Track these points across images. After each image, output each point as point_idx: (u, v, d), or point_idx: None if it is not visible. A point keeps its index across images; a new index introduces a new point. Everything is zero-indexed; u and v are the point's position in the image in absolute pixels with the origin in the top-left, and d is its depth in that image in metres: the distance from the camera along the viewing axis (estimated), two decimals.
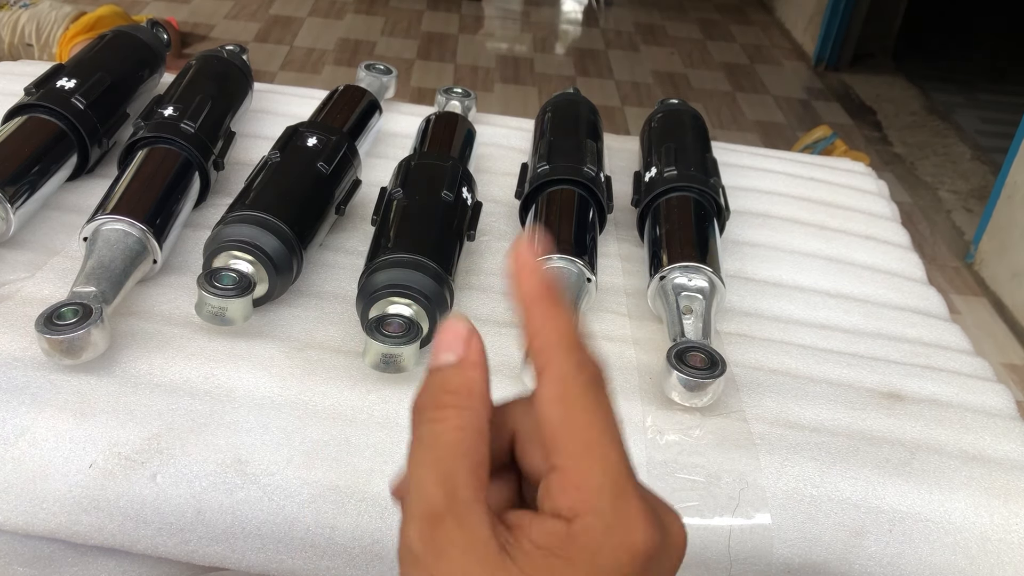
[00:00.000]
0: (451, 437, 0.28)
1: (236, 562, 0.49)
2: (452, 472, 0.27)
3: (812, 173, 0.91)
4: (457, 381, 0.29)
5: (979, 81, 3.48)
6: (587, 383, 0.28)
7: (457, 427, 0.28)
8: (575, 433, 0.28)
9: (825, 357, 0.63)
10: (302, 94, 0.92)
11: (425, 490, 0.27)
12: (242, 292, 0.54)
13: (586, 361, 0.29)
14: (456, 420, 0.28)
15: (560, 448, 0.28)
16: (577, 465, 0.27)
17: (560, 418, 0.28)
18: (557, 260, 0.62)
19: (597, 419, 0.28)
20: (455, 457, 0.28)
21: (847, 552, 0.50)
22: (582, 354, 0.29)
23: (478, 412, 0.28)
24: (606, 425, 0.28)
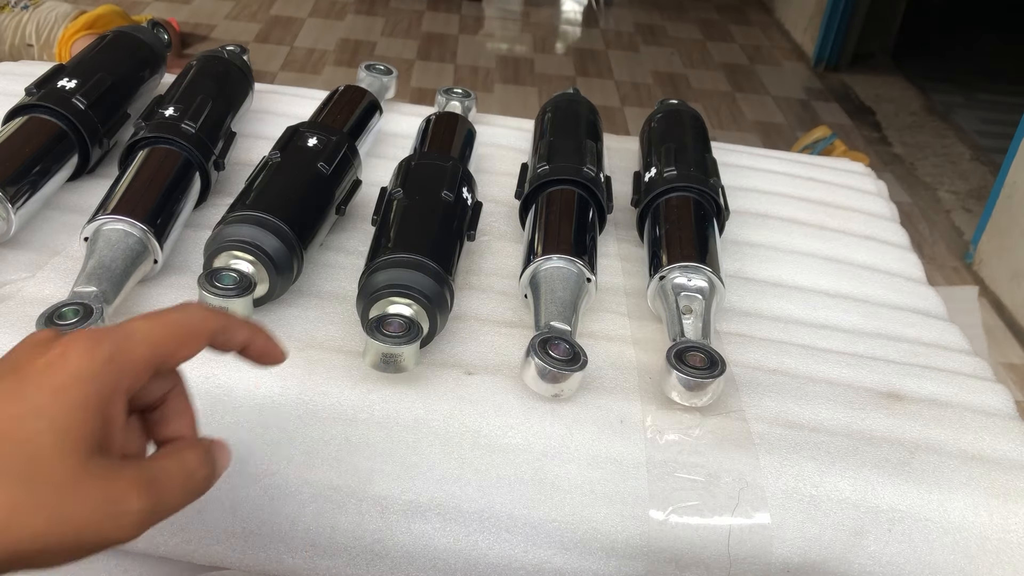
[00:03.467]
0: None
1: (236, 561, 0.49)
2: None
3: (811, 173, 0.91)
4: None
5: (979, 81, 3.48)
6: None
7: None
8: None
9: (824, 357, 0.63)
10: (302, 94, 0.92)
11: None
12: (243, 292, 0.54)
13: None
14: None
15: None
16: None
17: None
18: (557, 260, 0.62)
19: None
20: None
21: (846, 552, 0.51)
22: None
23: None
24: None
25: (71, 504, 0.31)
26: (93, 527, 0.32)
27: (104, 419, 0.33)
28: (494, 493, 0.50)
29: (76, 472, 0.32)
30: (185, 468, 0.36)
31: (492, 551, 0.49)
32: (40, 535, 0.31)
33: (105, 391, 0.33)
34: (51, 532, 0.31)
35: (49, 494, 0.31)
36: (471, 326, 0.61)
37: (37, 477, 0.31)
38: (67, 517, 0.31)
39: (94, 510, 0.32)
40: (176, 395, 0.39)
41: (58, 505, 0.31)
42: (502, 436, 0.52)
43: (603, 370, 0.58)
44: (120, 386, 0.34)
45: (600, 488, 0.51)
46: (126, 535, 0.33)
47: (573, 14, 3.98)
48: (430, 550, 0.49)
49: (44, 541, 0.31)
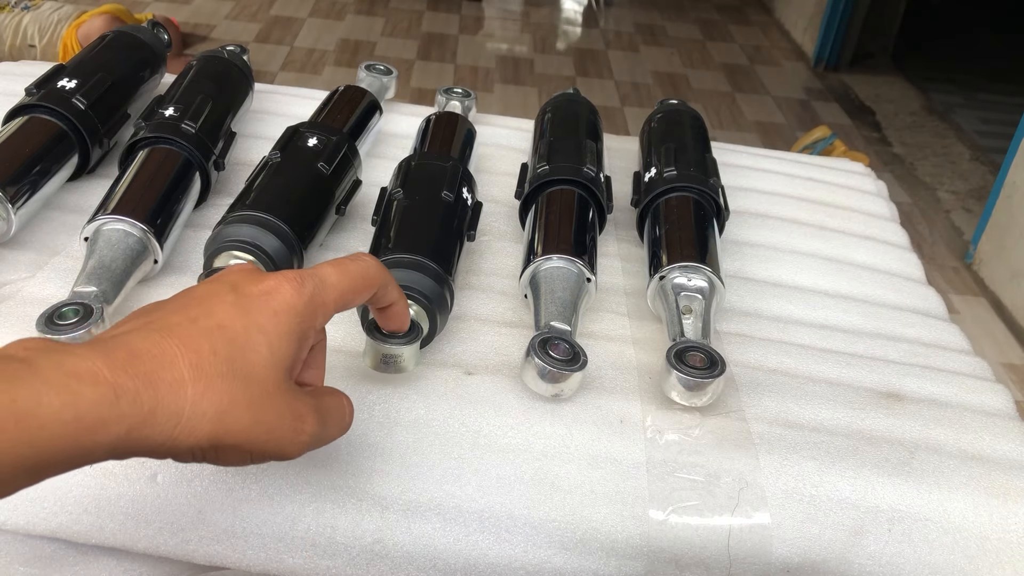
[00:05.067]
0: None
1: (236, 561, 0.49)
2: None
3: (811, 173, 0.91)
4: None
5: (978, 81, 3.48)
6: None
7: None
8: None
9: (824, 357, 0.63)
10: (302, 94, 0.92)
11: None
12: None
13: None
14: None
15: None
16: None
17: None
18: (557, 260, 0.62)
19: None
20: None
21: (846, 551, 0.51)
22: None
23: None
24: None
25: (272, 411, 0.36)
26: (280, 436, 0.37)
27: (299, 348, 0.38)
28: (494, 493, 0.50)
29: (279, 386, 0.37)
30: (341, 408, 0.42)
31: (492, 551, 0.49)
32: (244, 430, 0.35)
33: (305, 325, 0.38)
34: (252, 431, 0.36)
35: (260, 397, 0.36)
36: (471, 326, 0.61)
37: (253, 381, 0.36)
38: (266, 421, 0.36)
39: (284, 422, 0.37)
40: (320, 347, 0.43)
41: (263, 409, 0.36)
42: (502, 436, 0.52)
43: (603, 370, 0.58)
44: (315, 323, 0.39)
45: (600, 488, 0.51)
46: (297, 451, 0.38)
47: (573, 14, 3.98)
48: (430, 550, 0.49)
49: (245, 436, 0.36)
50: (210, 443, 0.35)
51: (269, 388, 0.36)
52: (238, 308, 0.37)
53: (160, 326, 0.35)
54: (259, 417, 0.36)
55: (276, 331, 0.37)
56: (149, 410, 0.33)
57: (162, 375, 0.34)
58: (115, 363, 0.33)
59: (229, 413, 0.35)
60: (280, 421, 0.37)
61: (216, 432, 0.35)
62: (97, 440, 0.32)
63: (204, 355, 0.35)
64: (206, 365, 0.35)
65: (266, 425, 0.36)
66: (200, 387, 0.34)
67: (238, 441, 0.36)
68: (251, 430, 0.36)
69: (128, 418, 0.32)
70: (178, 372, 0.34)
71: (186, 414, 0.34)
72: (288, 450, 0.38)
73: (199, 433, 0.34)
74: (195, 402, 0.34)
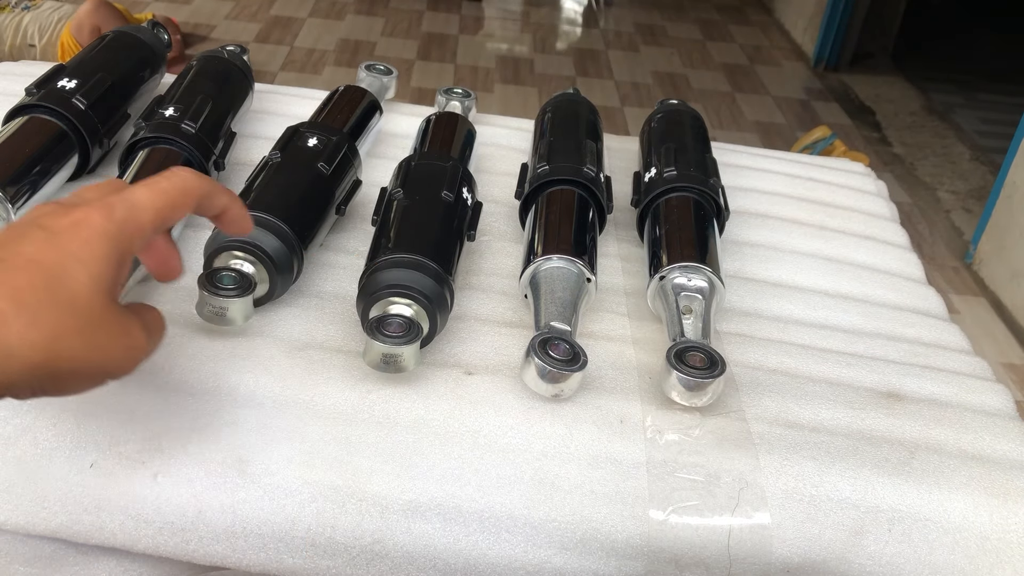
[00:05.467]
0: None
1: (236, 562, 0.49)
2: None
3: (811, 173, 0.91)
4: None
5: (978, 81, 3.48)
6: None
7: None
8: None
9: (824, 357, 0.63)
10: (303, 94, 0.92)
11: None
12: (243, 292, 0.54)
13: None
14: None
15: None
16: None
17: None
18: (557, 260, 0.62)
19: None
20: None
21: (846, 551, 0.51)
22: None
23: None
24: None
25: (102, 335, 0.38)
26: (114, 354, 0.39)
27: (118, 271, 0.39)
28: (494, 493, 0.50)
29: (105, 310, 0.38)
30: (158, 318, 0.44)
31: (492, 551, 0.49)
32: (79, 355, 0.37)
33: (121, 248, 0.39)
34: (87, 357, 0.37)
35: (86, 324, 0.37)
36: (471, 326, 0.61)
37: (78, 309, 0.36)
38: (99, 345, 0.38)
39: (116, 340, 0.38)
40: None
41: (93, 334, 0.37)
42: (502, 436, 0.52)
43: (603, 370, 0.58)
44: (131, 246, 0.40)
45: (600, 488, 0.51)
46: (132, 366, 0.40)
47: (573, 14, 3.98)
48: (430, 550, 0.49)
49: (81, 361, 0.37)
50: (46, 373, 0.36)
51: (95, 312, 0.37)
52: (49, 243, 0.37)
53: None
54: (91, 341, 0.37)
55: (93, 258, 0.37)
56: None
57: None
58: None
59: (60, 340, 0.36)
60: (112, 340, 0.38)
61: (50, 360, 0.35)
62: None
63: (23, 289, 0.35)
64: (26, 298, 0.35)
65: (99, 347, 0.37)
66: (24, 320, 0.35)
67: (75, 367, 0.37)
68: (86, 354, 0.37)
69: None
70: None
71: (15, 346, 0.34)
72: (124, 366, 0.39)
73: (32, 363, 0.35)
74: (21, 334, 0.34)
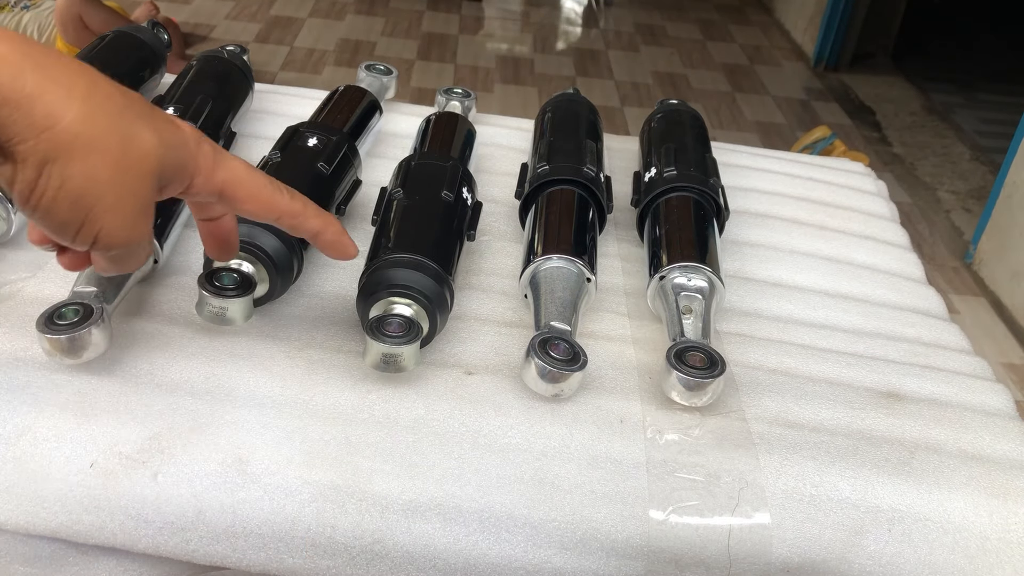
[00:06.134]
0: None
1: (237, 561, 0.49)
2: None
3: (811, 173, 0.91)
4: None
5: (978, 81, 3.48)
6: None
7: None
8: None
9: (824, 357, 0.63)
10: (302, 94, 0.92)
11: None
12: (243, 292, 0.54)
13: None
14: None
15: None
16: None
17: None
18: (557, 260, 0.62)
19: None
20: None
21: (846, 551, 0.51)
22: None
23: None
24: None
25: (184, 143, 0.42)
26: (185, 159, 0.42)
27: (157, 178, 0.41)
28: (494, 493, 0.50)
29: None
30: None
31: (492, 551, 0.49)
32: (171, 158, 0.40)
33: (174, 168, 0.41)
34: (175, 154, 0.41)
35: (172, 129, 0.41)
36: (471, 326, 0.61)
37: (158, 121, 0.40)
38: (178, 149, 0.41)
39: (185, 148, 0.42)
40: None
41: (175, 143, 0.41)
42: (502, 436, 0.52)
43: (603, 370, 0.58)
44: (180, 175, 0.42)
45: (600, 488, 0.51)
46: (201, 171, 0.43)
47: (573, 14, 3.98)
48: (430, 550, 0.49)
49: (170, 159, 0.40)
50: (160, 173, 0.39)
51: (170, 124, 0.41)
52: (151, 114, 0.40)
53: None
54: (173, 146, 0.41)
55: (159, 142, 0.39)
56: (30, 94, 0.34)
57: (54, 75, 0.35)
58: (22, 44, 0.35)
59: (159, 147, 0.39)
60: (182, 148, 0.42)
61: (163, 162, 0.39)
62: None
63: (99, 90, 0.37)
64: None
65: (179, 151, 0.41)
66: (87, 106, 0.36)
67: (166, 167, 0.40)
68: (171, 156, 0.41)
69: (2, 92, 0.34)
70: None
71: (58, 125, 0.35)
72: (193, 172, 0.43)
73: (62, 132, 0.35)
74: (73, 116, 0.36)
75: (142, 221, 0.39)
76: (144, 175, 0.39)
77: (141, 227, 0.40)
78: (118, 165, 0.37)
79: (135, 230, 0.39)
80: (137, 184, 0.38)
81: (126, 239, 0.39)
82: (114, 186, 0.37)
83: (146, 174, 0.39)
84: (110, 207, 0.37)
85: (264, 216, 0.46)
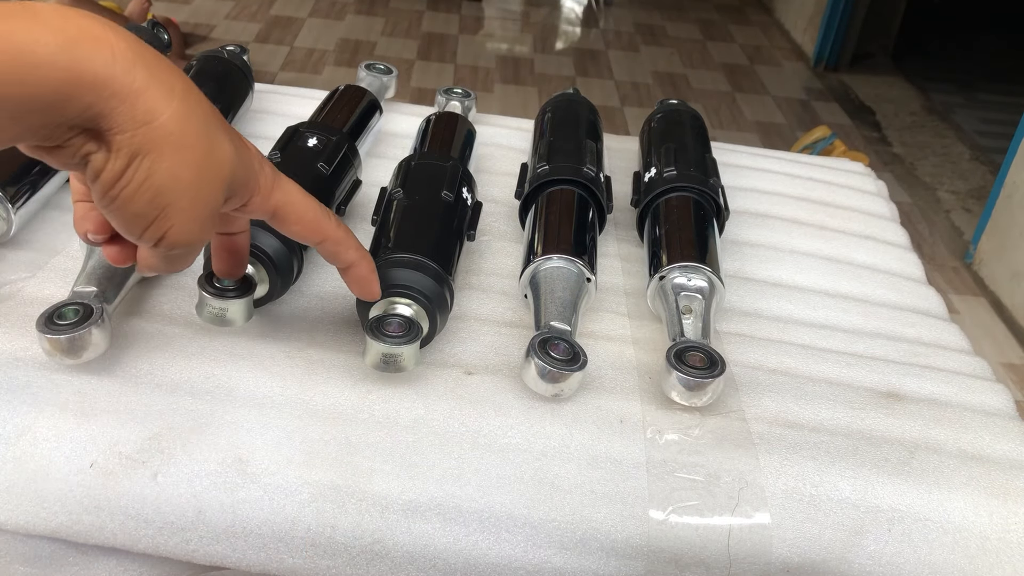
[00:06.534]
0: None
1: (236, 561, 0.49)
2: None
3: (811, 173, 0.91)
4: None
5: (979, 81, 3.48)
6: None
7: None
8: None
9: (824, 357, 0.63)
10: (302, 94, 0.92)
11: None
12: (243, 293, 0.54)
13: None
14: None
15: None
16: None
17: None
18: (557, 260, 0.62)
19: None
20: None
21: (846, 551, 0.51)
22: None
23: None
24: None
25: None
26: (250, 177, 0.43)
27: (223, 196, 0.42)
28: (494, 493, 0.50)
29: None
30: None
31: (492, 551, 0.49)
32: (240, 173, 0.42)
33: (236, 184, 0.42)
34: (243, 171, 0.42)
35: (242, 146, 0.42)
36: (471, 326, 0.61)
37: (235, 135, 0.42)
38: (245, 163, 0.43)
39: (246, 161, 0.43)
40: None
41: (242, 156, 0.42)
42: (502, 436, 0.52)
43: (603, 370, 0.58)
44: (241, 189, 0.43)
45: (600, 488, 0.51)
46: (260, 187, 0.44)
47: (573, 14, 3.98)
48: (430, 550, 0.49)
49: (239, 174, 0.42)
50: (228, 185, 0.40)
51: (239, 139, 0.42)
52: (229, 135, 0.41)
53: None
54: (241, 162, 0.42)
55: (231, 166, 0.41)
56: (138, 89, 0.35)
57: (158, 74, 0.36)
58: (117, 29, 0.36)
59: (232, 161, 0.40)
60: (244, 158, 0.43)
61: (233, 175, 0.41)
62: (80, 95, 0.34)
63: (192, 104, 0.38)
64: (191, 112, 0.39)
65: (245, 166, 0.42)
66: (183, 111, 0.37)
67: (235, 181, 0.41)
68: (241, 171, 0.42)
69: (115, 83, 0.35)
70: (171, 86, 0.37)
71: (156, 121, 0.36)
72: (253, 187, 0.44)
73: (152, 130, 0.37)
74: (169, 114, 0.37)
75: (208, 225, 0.41)
76: (219, 182, 0.40)
77: (206, 231, 0.41)
78: (200, 168, 0.38)
79: (201, 233, 0.40)
80: (212, 189, 0.40)
81: (190, 240, 0.40)
82: (192, 187, 0.38)
83: (221, 181, 0.40)
84: (185, 207, 0.39)
85: (309, 239, 0.48)
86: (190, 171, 0.38)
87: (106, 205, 0.38)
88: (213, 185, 0.40)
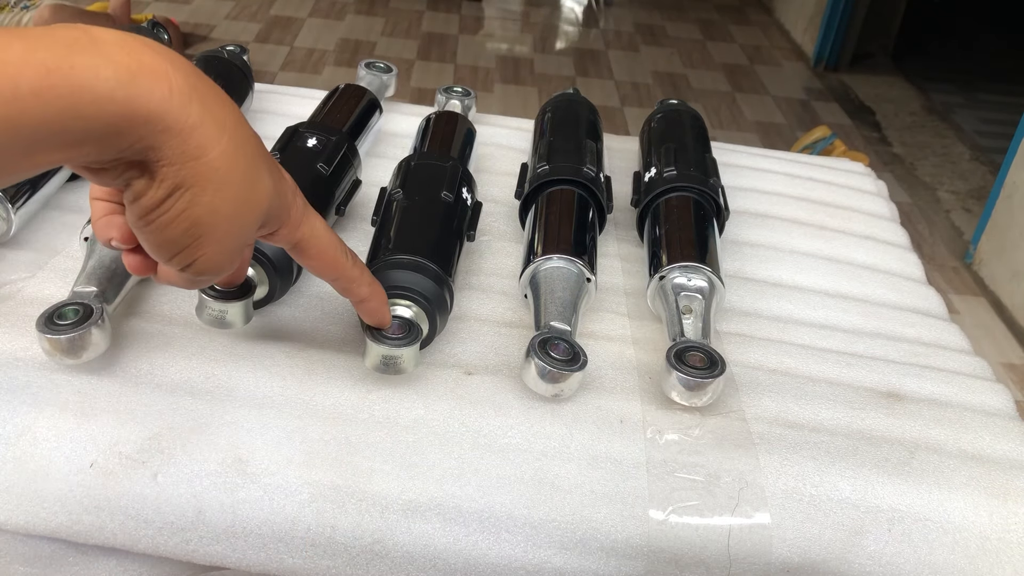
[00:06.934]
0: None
1: (236, 561, 0.49)
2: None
3: (811, 173, 0.91)
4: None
5: (979, 81, 3.48)
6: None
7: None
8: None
9: (824, 357, 0.63)
10: (302, 94, 0.92)
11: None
12: (242, 295, 0.54)
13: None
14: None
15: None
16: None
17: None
18: (557, 260, 0.62)
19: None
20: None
21: (846, 551, 0.51)
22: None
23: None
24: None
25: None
26: (282, 209, 0.43)
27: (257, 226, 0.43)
28: (494, 493, 0.50)
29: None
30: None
31: (492, 551, 0.49)
32: (275, 205, 0.42)
33: (269, 217, 0.43)
34: (278, 202, 0.42)
35: (280, 178, 0.43)
36: (471, 326, 0.61)
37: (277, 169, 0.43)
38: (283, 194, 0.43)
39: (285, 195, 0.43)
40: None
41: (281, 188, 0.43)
42: (502, 436, 0.52)
43: (603, 370, 0.58)
44: (273, 219, 0.43)
45: (600, 488, 0.51)
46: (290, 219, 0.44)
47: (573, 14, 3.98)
48: (430, 550, 0.49)
49: (275, 205, 0.42)
50: (264, 214, 0.41)
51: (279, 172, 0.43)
52: (274, 168, 0.42)
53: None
54: (280, 193, 0.42)
55: (268, 178, 0.41)
56: (192, 125, 0.35)
57: (212, 109, 0.36)
58: (176, 61, 0.36)
59: (270, 191, 0.41)
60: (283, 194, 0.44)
61: (270, 205, 0.41)
62: (133, 129, 0.34)
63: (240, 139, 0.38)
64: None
65: (283, 196, 0.43)
66: (225, 146, 0.37)
67: (273, 209, 0.41)
68: (278, 202, 0.42)
69: (169, 118, 0.34)
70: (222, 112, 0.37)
71: (205, 158, 0.36)
72: (285, 219, 0.44)
73: (197, 158, 0.36)
74: (220, 151, 0.37)
75: (237, 257, 0.41)
76: (255, 217, 0.40)
77: (235, 262, 0.41)
78: (239, 204, 0.38)
79: (229, 264, 0.41)
80: (247, 223, 0.40)
81: (218, 269, 0.40)
82: (229, 221, 0.39)
83: (257, 216, 0.41)
84: (218, 239, 0.39)
85: (324, 274, 0.48)
86: (230, 207, 0.38)
87: (140, 227, 0.38)
88: (249, 219, 0.40)
